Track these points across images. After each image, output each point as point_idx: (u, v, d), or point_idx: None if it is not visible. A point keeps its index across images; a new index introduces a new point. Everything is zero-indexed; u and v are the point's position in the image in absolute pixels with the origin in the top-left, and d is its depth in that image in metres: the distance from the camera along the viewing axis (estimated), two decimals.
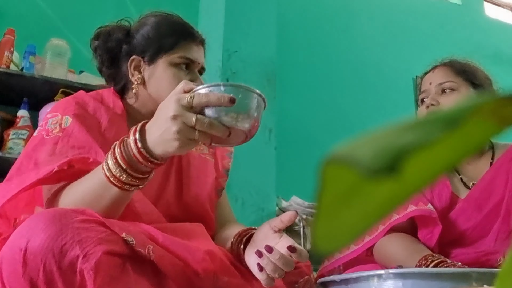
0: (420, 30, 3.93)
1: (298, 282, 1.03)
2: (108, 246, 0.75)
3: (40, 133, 0.97)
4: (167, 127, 0.75)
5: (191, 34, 1.10)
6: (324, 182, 0.18)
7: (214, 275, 0.86)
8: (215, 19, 2.66)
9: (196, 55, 1.09)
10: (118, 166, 0.78)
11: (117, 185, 0.80)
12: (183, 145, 0.76)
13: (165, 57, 1.06)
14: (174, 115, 0.74)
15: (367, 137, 0.19)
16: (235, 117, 0.77)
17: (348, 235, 0.19)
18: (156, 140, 0.77)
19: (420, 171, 0.19)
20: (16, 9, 2.50)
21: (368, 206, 0.19)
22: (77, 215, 0.76)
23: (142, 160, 0.78)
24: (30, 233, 0.73)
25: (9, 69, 2.13)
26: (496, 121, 0.20)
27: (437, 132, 0.18)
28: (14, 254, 0.73)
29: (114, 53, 1.10)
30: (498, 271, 0.23)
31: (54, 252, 0.72)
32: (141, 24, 1.12)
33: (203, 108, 0.76)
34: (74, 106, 1.00)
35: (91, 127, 0.98)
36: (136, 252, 0.80)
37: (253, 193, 2.32)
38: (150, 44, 1.07)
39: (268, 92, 2.50)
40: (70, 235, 0.73)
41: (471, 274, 0.92)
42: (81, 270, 0.72)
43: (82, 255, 0.72)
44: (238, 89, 0.78)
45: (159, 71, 1.06)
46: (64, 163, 0.86)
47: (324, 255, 1.29)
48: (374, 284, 0.97)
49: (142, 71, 1.07)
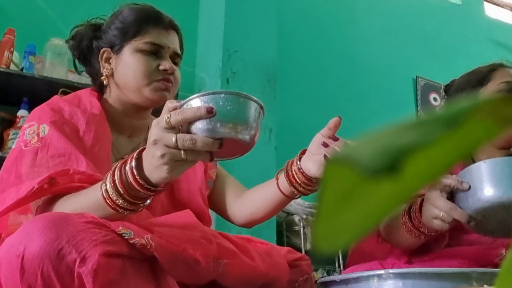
0: (420, 30, 3.93)
1: (298, 280, 1.03)
2: (105, 247, 0.74)
3: (19, 144, 0.94)
4: (153, 153, 0.73)
5: (157, 19, 1.06)
6: (324, 182, 0.18)
7: (213, 259, 0.86)
8: (215, 19, 2.66)
9: (165, 40, 1.05)
10: (115, 190, 0.77)
11: (113, 208, 0.78)
12: (174, 167, 0.73)
13: (130, 44, 1.03)
14: (154, 139, 0.72)
15: (367, 137, 0.19)
16: (229, 127, 0.72)
17: (349, 235, 0.19)
18: (149, 168, 0.74)
19: (420, 171, 0.19)
20: (16, 9, 2.50)
21: (368, 206, 0.19)
22: (75, 218, 0.76)
23: (139, 188, 0.76)
24: (27, 239, 0.72)
25: (9, 69, 2.13)
26: (496, 121, 0.20)
27: (437, 132, 0.18)
28: (12, 261, 0.72)
29: (86, 51, 1.09)
30: (498, 271, 0.23)
31: (51, 257, 0.71)
32: (111, 18, 1.10)
33: (190, 125, 0.72)
34: (50, 113, 0.97)
35: (69, 133, 0.95)
36: (134, 250, 0.78)
37: None
38: (117, 34, 1.05)
39: (268, 92, 2.50)
40: (66, 239, 0.72)
41: (471, 274, 0.92)
42: (79, 274, 0.71)
43: (79, 258, 0.71)
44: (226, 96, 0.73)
45: (124, 58, 1.03)
46: (45, 179, 0.83)
47: (325, 255, 1.28)
48: (374, 284, 0.97)
49: (111, 62, 1.06)
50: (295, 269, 1.04)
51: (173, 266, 0.82)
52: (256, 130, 0.76)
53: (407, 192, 0.19)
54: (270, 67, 2.57)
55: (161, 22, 1.06)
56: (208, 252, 0.85)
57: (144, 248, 0.78)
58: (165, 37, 1.05)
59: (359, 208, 0.19)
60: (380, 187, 0.18)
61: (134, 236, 0.77)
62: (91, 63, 1.10)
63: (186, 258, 0.82)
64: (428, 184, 0.18)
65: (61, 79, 2.15)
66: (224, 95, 0.72)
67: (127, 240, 0.77)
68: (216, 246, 0.89)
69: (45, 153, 0.90)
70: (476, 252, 1.16)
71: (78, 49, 1.10)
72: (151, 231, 0.82)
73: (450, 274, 0.93)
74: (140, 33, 1.03)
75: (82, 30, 1.11)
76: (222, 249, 0.89)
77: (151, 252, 0.79)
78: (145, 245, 0.78)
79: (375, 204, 0.19)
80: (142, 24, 1.04)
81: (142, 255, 0.80)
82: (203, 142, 0.71)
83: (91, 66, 1.10)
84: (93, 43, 1.09)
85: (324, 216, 0.19)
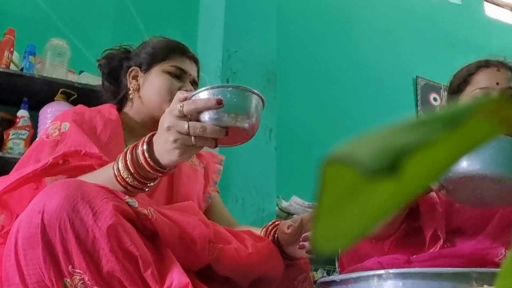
0: (420, 30, 3.93)
1: (297, 279, 1.04)
2: (115, 203, 0.80)
3: (41, 136, 1.06)
4: (165, 138, 0.81)
5: (184, 49, 1.23)
6: (324, 182, 0.18)
7: (209, 242, 0.91)
8: (215, 19, 2.66)
9: (188, 67, 1.20)
10: (126, 169, 0.84)
11: (123, 185, 0.85)
12: (184, 152, 0.82)
13: (158, 66, 1.18)
14: (168, 126, 0.81)
15: (367, 137, 0.19)
16: (234, 117, 0.81)
17: (348, 235, 0.19)
18: (160, 151, 0.83)
19: (420, 171, 0.19)
20: (16, 9, 2.50)
21: (368, 206, 0.19)
22: (88, 183, 0.82)
23: (149, 169, 0.84)
24: (46, 197, 0.78)
25: (9, 69, 2.13)
26: (496, 121, 0.20)
27: (437, 132, 0.18)
28: (33, 218, 0.78)
29: (115, 70, 1.24)
30: (498, 271, 0.23)
31: (68, 211, 0.77)
32: (142, 45, 1.26)
33: (199, 114, 0.81)
34: (72, 114, 1.09)
35: (87, 130, 1.05)
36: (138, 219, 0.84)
37: (254, 193, 2.32)
38: (147, 57, 1.20)
39: (268, 92, 2.50)
40: (80, 196, 0.78)
41: (471, 274, 0.92)
42: (92, 228, 0.77)
43: (92, 213, 0.77)
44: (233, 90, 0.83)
45: (152, 77, 1.18)
46: (59, 156, 0.93)
47: (324, 255, 1.30)
48: (374, 284, 0.97)
49: (138, 79, 1.20)
50: (293, 268, 1.04)
51: (172, 243, 0.86)
52: (257, 120, 0.86)
53: (407, 192, 0.19)
54: (270, 67, 2.57)
55: (186, 53, 1.22)
56: (205, 233, 0.91)
57: (146, 218, 0.84)
58: (188, 65, 1.21)
59: (359, 208, 0.19)
60: (380, 187, 0.18)
61: (138, 206, 0.84)
62: (117, 79, 1.24)
63: (183, 237, 0.87)
64: (428, 185, 0.18)
65: (61, 79, 2.14)
66: (231, 89, 0.83)
67: (133, 208, 0.83)
68: (213, 230, 0.94)
69: (63, 145, 1.00)
70: (476, 252, 1.16)
71: (108, 66, 1.25)
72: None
73: (450, 274, 0.93)
74: (168, 58, 1.19)
75: (114, 52, 1.26)
76: (218, 234, 0.95)
77: (152, 224, 0.84)
78: (147, 216, 0.84)
79: (375, 204, 0.19)
80: (170, 51, 1.20)
81: (145, 228, 0.85)
82: (212, 130, 0.80)
83: (117, 82, 1.24)
84: (124, 63, 1.23)
85: (324, 216, 0.19)
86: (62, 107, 2.00)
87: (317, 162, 0.20)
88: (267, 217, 2.29)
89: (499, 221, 1.21)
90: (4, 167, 1.80)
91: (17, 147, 2.05)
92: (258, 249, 0.98)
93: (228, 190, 2.19)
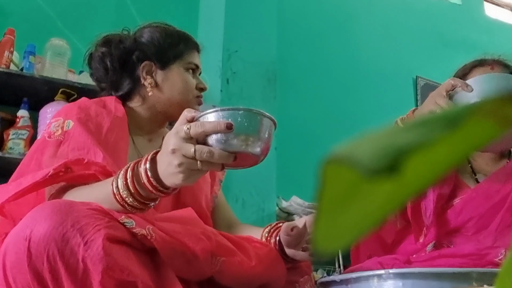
0: (420, 30, 3.93)
1: (299, 281, 1.03)
2: (108, 232, 0.76)
3: (43, 135, 1.00)
4: (170, 161, 0.76)
5: (195, 43, 1.19)
6: (324, 182, 0.18)
7: (211, 256, 0.88)
8: (215, 19, 2.66)
9: (198, 61, 1.18)
10: (126, 188, 0.80)
11: (122, 204, 0.81)
12: (188, 176, 0.77)
13: (177, 63, 1.14)
14: (173, 148, 0.75)
15: (367, 137, 0.19)
16: (244, 142, 0.76)
17: (348, 235, 0.19)
18: (164, 173, 0.78)
19: (420, 171, 0.19)
20: (16, 9, 2.50)
21: (368, 206, 0.19)
22: (80, 205, 0.78)
23: (151, 189, 0.79)
24: (33, 223, 0.74)
25: (9, 69, 2.13)
26: (496, 121, 0.20)
27: (437, 132, 0.18)
28: (19, 244, 0.74)
29: (123, 60, 1.14)
30: (498, 271, 0.23)
31: (57, 240, 0.73)
32: (146, 32, 1.17)
33: (207, 137, 0.76)
34: (76, 110, 1.03)
35: (93, 129, 1.00)
36: (136, 240, 0.80)
37: (254, 193, 2.32)
38: (162, 51, 1.14)
39: (268, 92, 2.50)
40: (70, 223, 0.74)
41: (471, 274, 0.92)
42: (83, 258, 0.74)
43: (83, 242, 0.74)
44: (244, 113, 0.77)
45: (174, 75, 1.14)
46: (60, 166, 0.88)
47: (325, 256, 1.30)
48: (374, 284, 0.97)
49: (154, 75, 1.13)
50: (295, 270, 1.04)
51: (173, 259, 0.83)
52: (268, 145, 0.80)
53: (407, 192, 0.19)
54: (270, 67, 2.57)
55: (197, 45, 1.20)
56: (207, 248, 0.87)
57: (145, 238, 0.80)
58: (198, 58, 1.19)
59: (359, 208, 0.19)
60: (380, 187, 0.18)
61: (135, 225, 0.80)
62: (126, 72, 1.14)
63: (185, 251, 0.84)
64: (428, 184, 0.18)
65: (61, 79, 2.14)
66: (242, 112, 0.77)
67: (129, 229, 0.80)
68: (215, 243, 0.91)
69: (66, 146, 0.95)
70: (476, 252, 1.16)
71: (114, 56, 1.13)
72: (152, 223, 0.85)
73: (450, 274, 0.93)
74: (185, 54, 1.15)
75: (121, 39, 1.15)
76: (220, 246, 0.91)
77: (151, 243, 0.81)
78: (145, 236, 0.80)
79: (375, 204, 0.19)
80: (187, 47, 1.17)
81: (143, 246, 0.82)
82: (219, 155, 0.75)
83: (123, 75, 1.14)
84: (134, 53, 1.14)
85: (324, 216, 0.19)
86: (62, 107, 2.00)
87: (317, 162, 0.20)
88: (267, 217, 2.29)
89: (499, 222, 1.21)
90: (4, 167, 1.80)
91: (17, 147, 2.05)
92: (261, 259, 0.96)
93: (228, 190, 2.19)
